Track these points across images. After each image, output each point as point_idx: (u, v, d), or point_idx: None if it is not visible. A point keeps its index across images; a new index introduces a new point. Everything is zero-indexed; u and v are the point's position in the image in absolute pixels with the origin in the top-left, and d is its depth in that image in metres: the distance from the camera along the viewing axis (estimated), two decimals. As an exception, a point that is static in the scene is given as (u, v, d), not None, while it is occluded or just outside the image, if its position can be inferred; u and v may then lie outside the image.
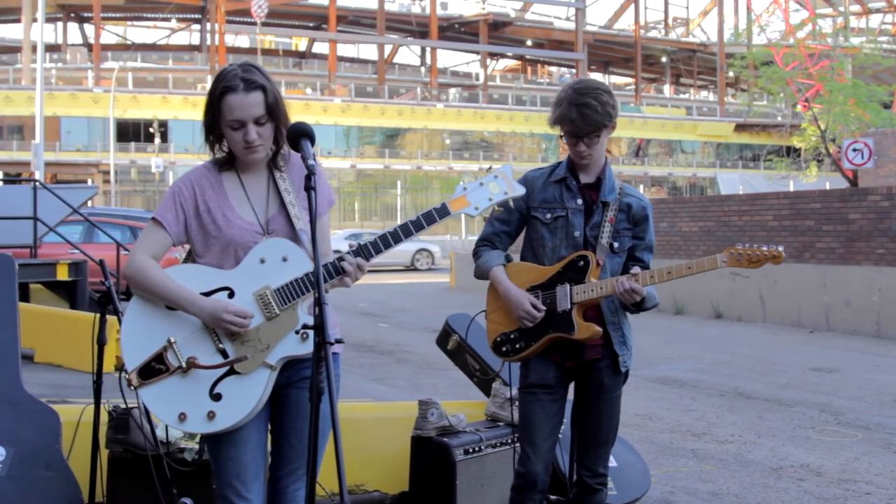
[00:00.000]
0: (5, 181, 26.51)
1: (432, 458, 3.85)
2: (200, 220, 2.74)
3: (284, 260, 2.69)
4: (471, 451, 3.88)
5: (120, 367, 2.73)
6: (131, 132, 48.86)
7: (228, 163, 2.79)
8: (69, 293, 11.68)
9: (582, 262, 3.34)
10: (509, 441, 4.00)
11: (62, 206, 11.63)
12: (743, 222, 14.67)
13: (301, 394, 2.79)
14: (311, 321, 2.68)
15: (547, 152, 58.70)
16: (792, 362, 10.29)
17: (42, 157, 24.06)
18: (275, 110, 2.70)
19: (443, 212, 2.71)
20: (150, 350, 2.65)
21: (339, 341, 2.38)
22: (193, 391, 2.63)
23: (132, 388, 2.67)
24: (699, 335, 12.63)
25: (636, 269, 3.30)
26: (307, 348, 2.67)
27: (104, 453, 3.55)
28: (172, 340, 2.64)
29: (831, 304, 12.87)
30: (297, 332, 2.66)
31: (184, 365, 2.62)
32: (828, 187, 27.94)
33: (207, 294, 2.66)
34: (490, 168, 2.84)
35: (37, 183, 11.60)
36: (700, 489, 5.24)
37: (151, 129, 47.07)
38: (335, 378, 2.91)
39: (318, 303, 2.36)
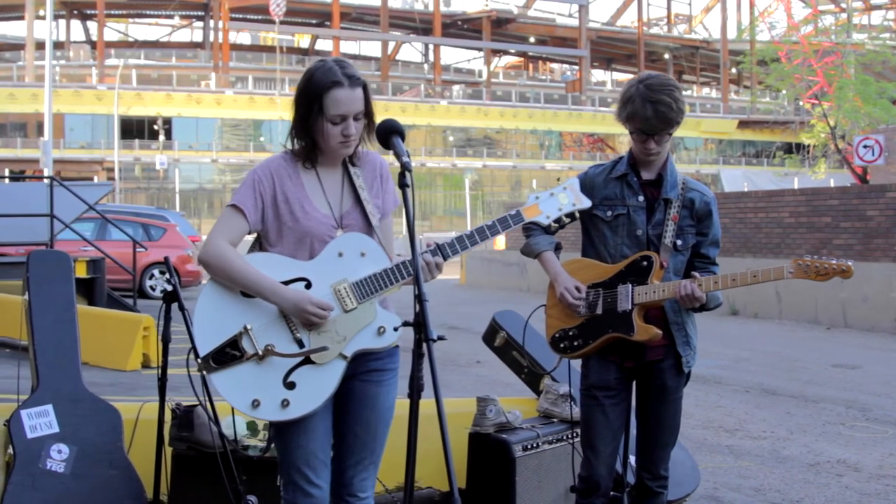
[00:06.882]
0: (12, 178, 26.44)
1: (491, 454, 3.86)
2: (277, 210, 2.76)
3: (363, 255, 2.74)
4: (529, 447, 3.88)
5: (191, 351, 2.74)
6: (135, 129, 48.76)
7: (306, 155, 2.81)
8: (87, 290, 11.68)
9: (645, 263, 3.30)
10: (565, 437, 4.00)
11: (76, 203, 11.61)
12: (759, 219, 14.65)
13: (367, 386, 2.84)
14: (387, 316, 2.75)
15: (549, 149, 58.65)
16: (812, 359, 10.29)
17: (50, 155, 24.08)
18: (370, 107, 2.78)
19: (517, 218, 2.81)
20: (225, 335, 2.66)
21: (440, 338, 2.39)
22: (267, 379, 2.64)
23: (203, 372, 2.67)
24: (717, 331, 12.60)
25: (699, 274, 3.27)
26: (383, 342, 2.77)
27: (167, 451, 3.54)
28: (248, 327, 2.66)
29: (849, 300, 12.86)
30: (378, 331, 2.72)
31: (260, 352, 2.64)
32: (832, 184, 27.92)
33: (285, 283, 2.69)
34: (559, 179, 2.92)
35: (53, 180, 11.58)
36: (742, 485, 5.24)
37: (155, 127, 47.09)
38: (395, 372, 2.92)
39: (419, 299, 2.37)
